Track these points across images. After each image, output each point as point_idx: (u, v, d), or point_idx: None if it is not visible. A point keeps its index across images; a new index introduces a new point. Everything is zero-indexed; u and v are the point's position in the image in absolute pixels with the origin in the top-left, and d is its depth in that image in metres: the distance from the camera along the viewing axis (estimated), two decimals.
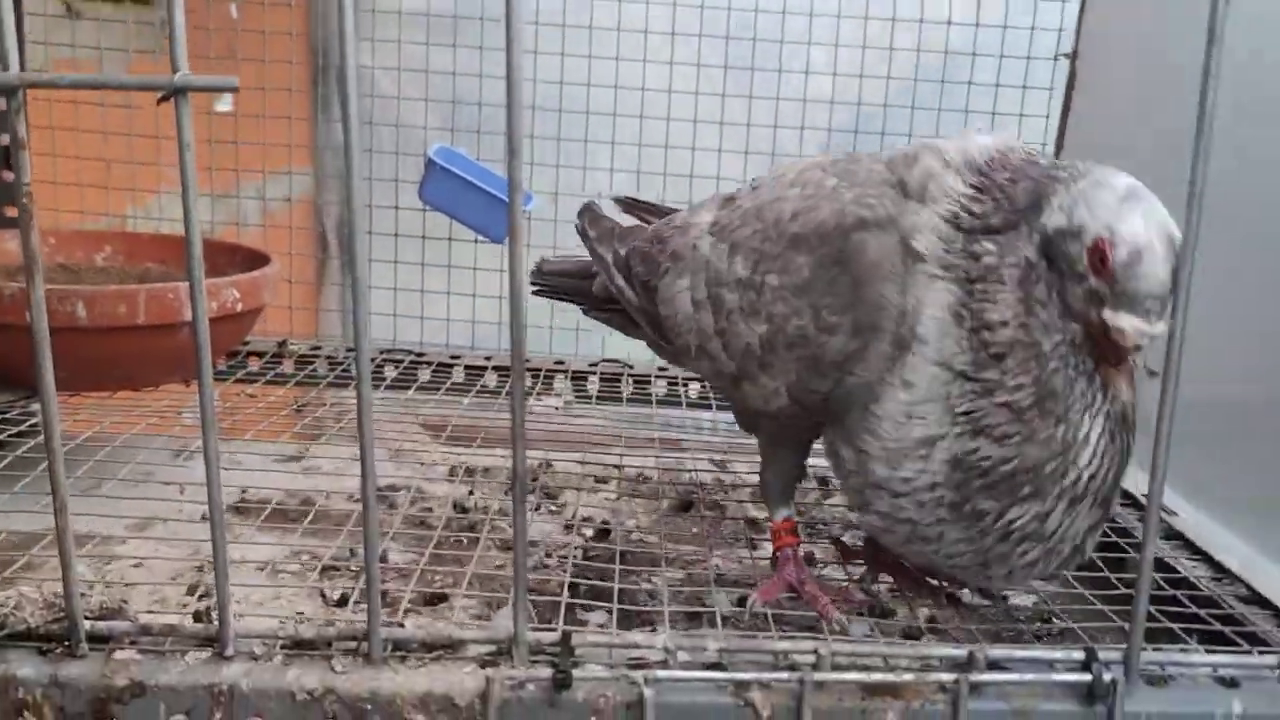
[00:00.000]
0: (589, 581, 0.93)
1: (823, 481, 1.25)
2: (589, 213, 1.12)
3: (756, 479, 1.23)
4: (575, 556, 1.01)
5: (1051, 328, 0.72)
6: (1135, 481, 1.15)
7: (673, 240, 0.97)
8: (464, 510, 1.16)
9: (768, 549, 1.03)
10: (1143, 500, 0.94)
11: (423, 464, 1.29)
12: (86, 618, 0.71)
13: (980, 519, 0.75)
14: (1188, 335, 0.66)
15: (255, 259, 1.40)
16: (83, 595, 0.71)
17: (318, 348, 1.58)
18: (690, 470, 1.29)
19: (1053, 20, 1.59)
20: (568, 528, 1.14)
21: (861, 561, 1.00)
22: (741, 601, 0.92)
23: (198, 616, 0.80)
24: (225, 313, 1.25)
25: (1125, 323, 0.69)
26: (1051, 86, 1.58)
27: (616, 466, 1.28)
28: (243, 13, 1.73)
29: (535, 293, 1.20)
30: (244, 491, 1.14)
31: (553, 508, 1.21)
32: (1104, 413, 0.73)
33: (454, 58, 1.65)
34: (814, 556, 1.05)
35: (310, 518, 1.08)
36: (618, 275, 1.04)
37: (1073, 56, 1.53)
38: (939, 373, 0.76)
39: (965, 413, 0.74)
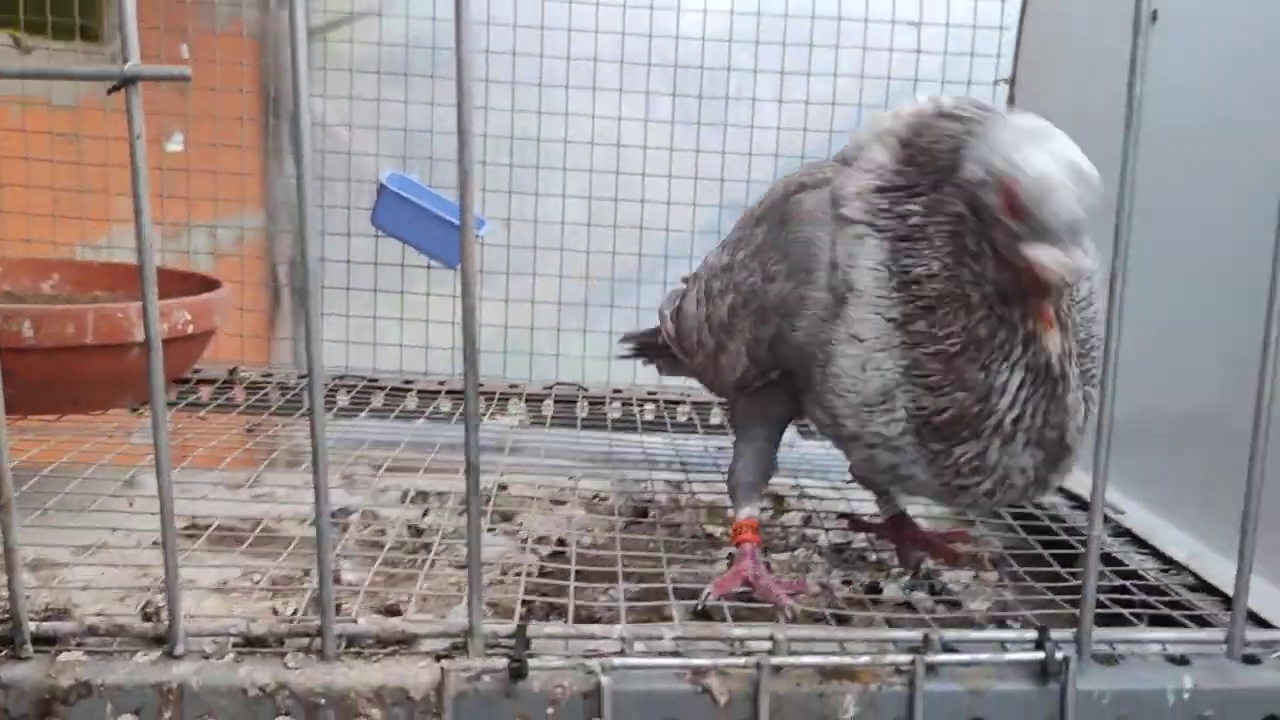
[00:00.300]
0: (545, 594, 0.92)
1: (777, 499, 1.26)
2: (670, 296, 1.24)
3: (711, 498, 1.24)
4: (531, 573, 1.01)
5: (981, 280, 0.75)
6: (1078, 482, 1.18)
7: (699, 268, 1.08)
8: (418, 532, 1.15)
9: (725, 563, 1.03)
10: (1088, 497, 0.96)
11: (375, 489, 1.28)
12: (31, 619, 0.70)
13: (936, 459, 0.80)
14: (1132, 351, 0.68)
15: (207, 285, 1.39)
16: (27, 597, 0.70)
17: (269, 374, 1.57)
18: (645, 482, 1.29)
19: (990, 47, 1.63)
20: (523, 546, 1.13)
21: (877, 535, 1.06)
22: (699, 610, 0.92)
23: (146, 616, 0.79)
24: (176, 334, 1.24)
25: (1043, 254, 0.70)
26: None
27: (571, 487, 1.28)
28: (194, 44, 1.74)
29: (624, 355, 1.37)
30: (194, 516, 1.13)
31: (508, 528, 1.20)
32: (1023, 364, 0.76)
33: (405, 85, 1.66)
34: (770, 567, 1.05)
35: (262, 540, 1.06)
36: (668, 320, 1.15)
37: (1011, 81, 1.57)
38: (882, 324, 0.79)
39: (904, 364, 0.79)
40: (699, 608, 0.88)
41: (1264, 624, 0.80)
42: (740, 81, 1.70)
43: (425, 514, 1.20)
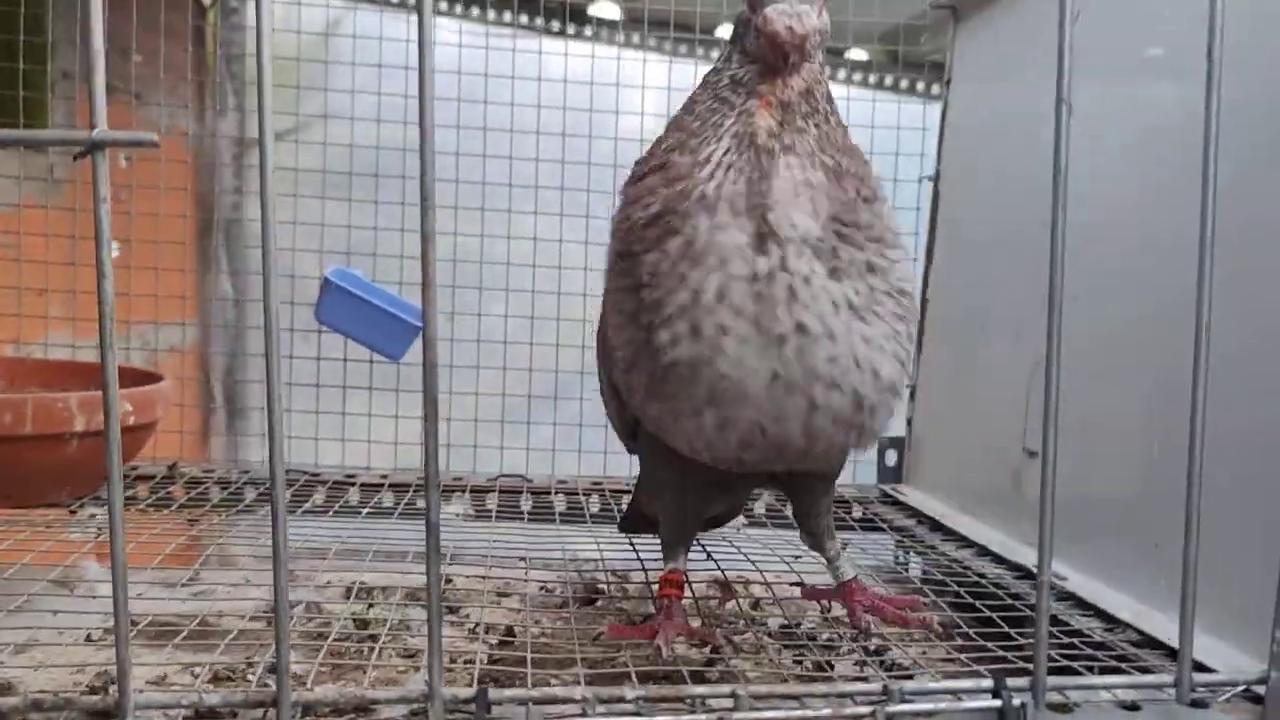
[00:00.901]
0: (498, 680, 0.91)
1: (724, 585, 1.26)
2: None
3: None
4: (481, 661, 0.99)
5: (720, 84, 0.81)
6: (1018, 553, 1.20)
7: None
8: (364, 624, 1.13)
9: (679, 647, 1.03)
10: (1032, 568, 0.98)
11: (318, 584, 1.26)
12: None
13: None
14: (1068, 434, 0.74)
15: (147, 379, 1.38)
16: None
17: (210, 471, 1.55)
18: (594, 571, 1.29)
19: (915, 147, 1.71)
20: (472, 636, 1.12)
21: (829, 599, 1.05)
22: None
23: (94, 689, 0.76)
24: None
25: (769, 9, 0.76)
26: (918, 206, 1.68)
27: (520, 579, 1.27)
28: (134, 165, 1.75)
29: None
30: (131, 613, 1.09)
31: (454, 619, 1.18)
32: (730, 133, 0.78)
33: (349, 184, 1.69)
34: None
35: (201, 635, 1.04)
36: None
37: (936, 178, 1.65)
38: None
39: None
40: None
41: (1208, 671, 0.82)
42: None
43: (369, 607, 1.18)
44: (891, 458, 1.67)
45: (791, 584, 1.14)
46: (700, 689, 0.73)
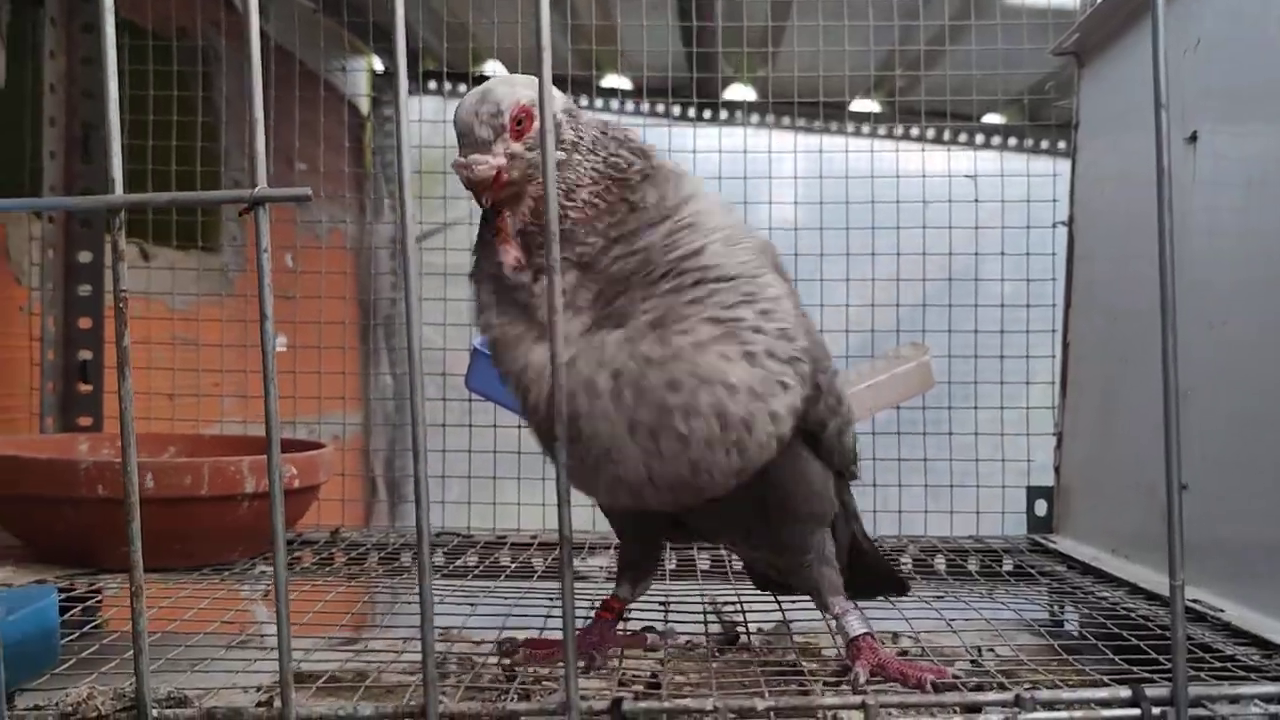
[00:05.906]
0: None
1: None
2: None
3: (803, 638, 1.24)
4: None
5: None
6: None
7: None
8: (513, 676, 1.17)
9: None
10: (1187, 602, 0.95)
11: (470, 640, 1.30)
12: (153, 705, 0.74)
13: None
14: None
15: (310, 447, 1.47)
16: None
17: (369, 535, 1.63)
18: (733, 616, 1.30)
19: (1047, 193, 1.70)
20: (621, 685, 1.14)
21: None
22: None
23: (261, 703, 0.82)
24: (283, 488, 1.31)
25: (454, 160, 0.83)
26: (1054, 251, 1.67)
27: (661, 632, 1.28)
28: (300, 257, 1.89)
29: None
30: (298, 670, 1.15)
31: (602, 671, 1.21)
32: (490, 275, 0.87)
33: None
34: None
35: (365, 687, 1.08)
36: None
37: (1070, 223, 1.63)
38: None
39: None
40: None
41: None
42: (808, 266, 1.78)
43: (518, 662, 1.22)
44: (1041, 507, 1.63)
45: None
46: (831, 699, 0.74)
